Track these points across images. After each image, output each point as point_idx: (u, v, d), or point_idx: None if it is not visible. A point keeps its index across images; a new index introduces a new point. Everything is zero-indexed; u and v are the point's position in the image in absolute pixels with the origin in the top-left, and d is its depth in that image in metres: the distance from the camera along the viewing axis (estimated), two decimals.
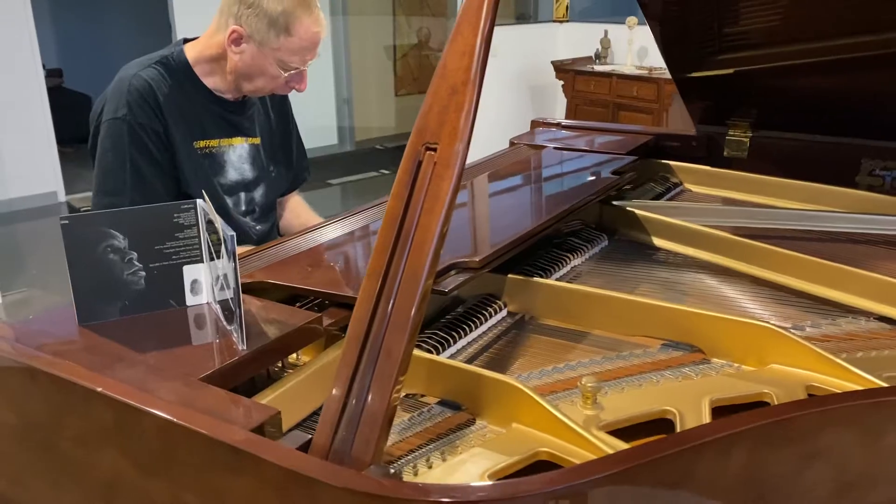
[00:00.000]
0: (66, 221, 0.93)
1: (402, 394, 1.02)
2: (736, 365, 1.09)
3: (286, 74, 1.56)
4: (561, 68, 5.52)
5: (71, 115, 6.56)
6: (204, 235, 0.99)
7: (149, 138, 1.52)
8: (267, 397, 0.89)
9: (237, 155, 1.65)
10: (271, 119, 1.76)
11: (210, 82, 1.61)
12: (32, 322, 0.99)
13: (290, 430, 0.91)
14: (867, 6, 1.67)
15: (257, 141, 1.71)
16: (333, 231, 1.37)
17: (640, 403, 1.00)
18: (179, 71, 1.58)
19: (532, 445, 0.90)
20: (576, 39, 5.77)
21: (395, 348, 0.70)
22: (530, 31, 5.91)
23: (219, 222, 0.90)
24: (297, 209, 1.91)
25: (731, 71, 1.91)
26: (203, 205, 0.97)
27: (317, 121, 6.71)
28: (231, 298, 0.90)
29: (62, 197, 5.57)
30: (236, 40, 1.54)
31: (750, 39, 1.86)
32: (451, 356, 1.13)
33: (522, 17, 6.16)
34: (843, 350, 1.14)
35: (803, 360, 1.05)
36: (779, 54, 1.85)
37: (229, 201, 1.63)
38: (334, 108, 6.77)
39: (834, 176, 1.79)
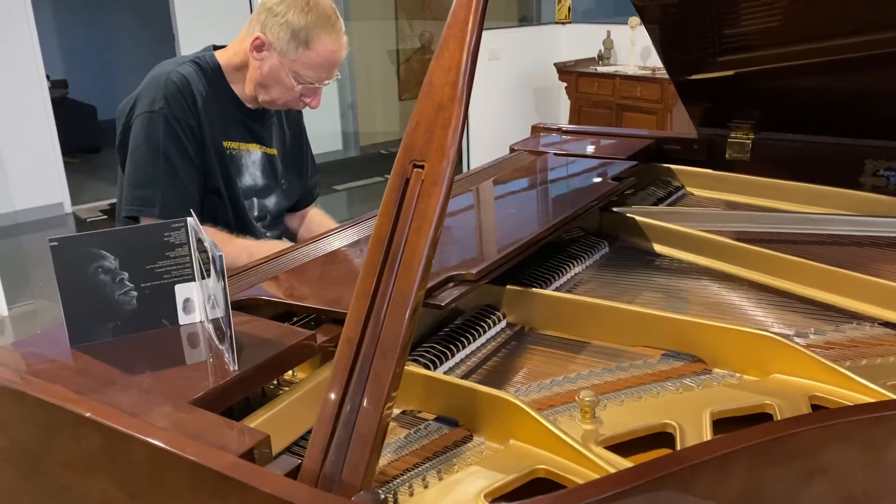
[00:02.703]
0: (56, 243, 0.93)
1: (393, 414, 1.01)
2: (738, 375, 1.08)
3: (299, 87, 1.58)
4: (564, 70, 5.50)
5: (76, 126, 6.59)
6: (195, 254, 0.98)
7: (183, 132, 1.54)
8: (259, 418, 0.88)
9: (252, 161, 1.69)
10: (286, 133, 1.80)
11: (236, 89, 1.65)
12: (24, 343, 0.98)
13: (284, 449, 0.90)
14: (869, 5, 1.65)
15: (272, 151, 1.74)
16: (334, 242, 1.36)
17: (640, 417, 0.98)
18: (211, 72, 1.62)
19: (529, 462, 0.88)
20: (578, 41, 5.75)
21: (384, 371, 0.69)
22: (532, 33, 5.89)
23: (207, 241, 0.89)
24: (317, 219, 1.92)
25: (731, 73, 1.90)
26: (193, 223, 0.96)
27: (322, 126, 6.71)
28: (221, 318, 0.89)
29: (68, 208, 5.59)
30: (259, 47, 1.57)
31: (751, 40, 1.85)
32: (449, 370, 1.12)
33: (525, 20, 6.15)
34: (847, 358, 1.12)
35: (806, 369, 1.03)
36: (780, 55, 1.83)
37: (246, 204, 1.65)
38: (338, 113, 6.77)
39: (838, 177, 1.77)
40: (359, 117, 6.90)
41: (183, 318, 1.01)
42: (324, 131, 6.73)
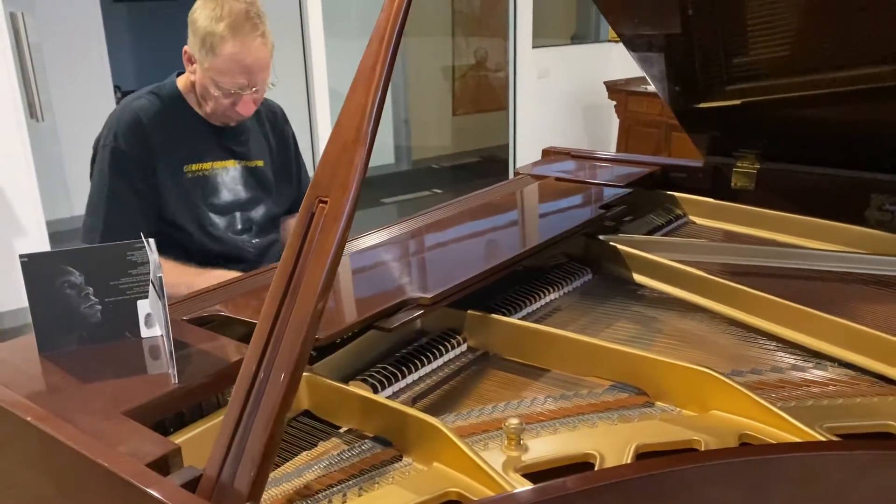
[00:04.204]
0: (26, 259, 1.01)
1: (341, 430, 1.06)
2: (678, 410, 1.09)
3: (219, 94, 1.63)
4: (613, 88, 5.48)
5: None
6: (154, 272, 1.05)
7: (130, 166, 1.63)
8: (195, 430, 0.95)
9: (230, 177, 1.75)
10: (271, 142, 1.86)
11: (201, 110, 1.72)
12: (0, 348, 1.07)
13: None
14: (877, 37, 1.63)
15: (257, 163, 1.81)
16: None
17: (568, 445, 1.01)
18: (170, 98, 1.70)
19: (445, 485, 0.92)
20: (630, 59, 5.71)
21: (274, 392, 0.74)
22: (583, 51, 5.89)
23: (153, 264, 0.96)
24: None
25: (738, 102, 1.89)
26: (152, 244, 1.03)
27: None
28: (161, 335, 0.96)
29: None
30: (188, 60, 1.66)
31: (759, 69, 1.84)
32: (401, 390, 1.17)
33: (577, 38, 6.15)
34: (797, 398, 1.12)
35: (742, 407, 1.03)
36: (788, 84, 1.82)
37: (221, 221, 1.73)
38: (392, 127, 6.89)
39: (843, 209, 1.75)
40: (412, 132, 7.00)
41: (145, 332, 1.08)
42: (377, 145, 6.84)
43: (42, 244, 3.87)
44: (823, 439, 0.95)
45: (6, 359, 1.01)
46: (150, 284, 0.99)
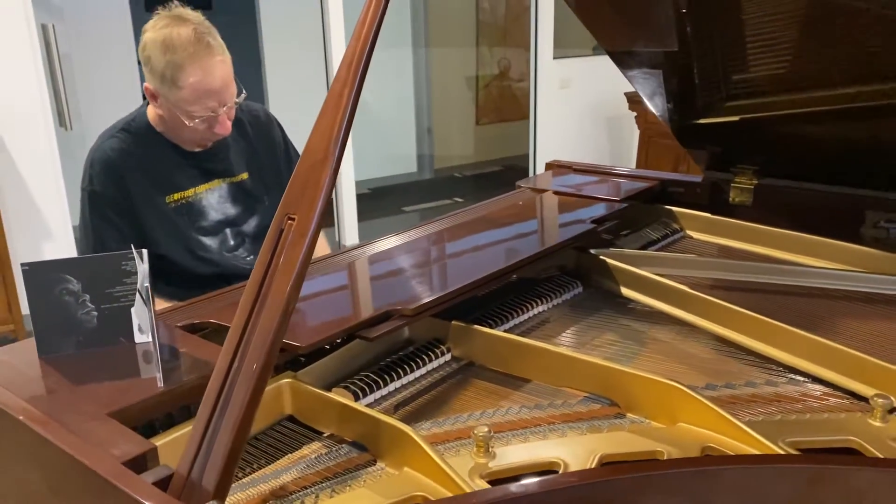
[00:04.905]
0: (27, 267, 1.08)
1: (324, 434, 1.11)
2: (647, 421, 1.12)
3: (196, 121, 1.61)
4: (634, 99, 5.48)
5: None
6: (140, 282, 1.11)
7: (108, 208, 1.66)
8: (181, 430, 1.00)
9: (216, 197, 1.77)
10: (258, 152, 1.85)
11: (172, 138, 1.72)
12: (1, 351, 1.14)
13: None
14: (877, 56, 1.64)
15: (241, 178, 1.82)
16: (320, 269, 1.47)
17: (535, 453, 1.04)
18: (141, 134, 1.70)
19: (412, 489, 0.96)
20: None
21: (239, 398, 0.79)
22: (604, 62, 5.86)
23: (141, 274, 1.02)
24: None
25: (737, 118, 1.91)
26: (144, 255, 1.09)
27: (397, 149, 6.93)
28: (149, 341, 1.01)
29: None
30: (152, 96, 1.64)
31: (758, 86, 1.86)
32: (383, 397, 1.21)
33: (599, 48, 6.16)
34: (766, 412, 1.14)
35: (708, 420, 1.06)
36: (786, 102, 1.83)
37: (213, 241, 1.77)
38: (415, 136, 6.96)
39: (839, 226, 1.76)
40: (435, 141, 7.07)
41: (138, 337, 1.14)
42: (399, 154, 6.94)
43: (69, 248, 3.99)
44: (782, 453, 0.98)
45: (7, 361, 1.08)
46: (137, 293, 1.05)
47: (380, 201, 6.13)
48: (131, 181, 1.68)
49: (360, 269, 1.47)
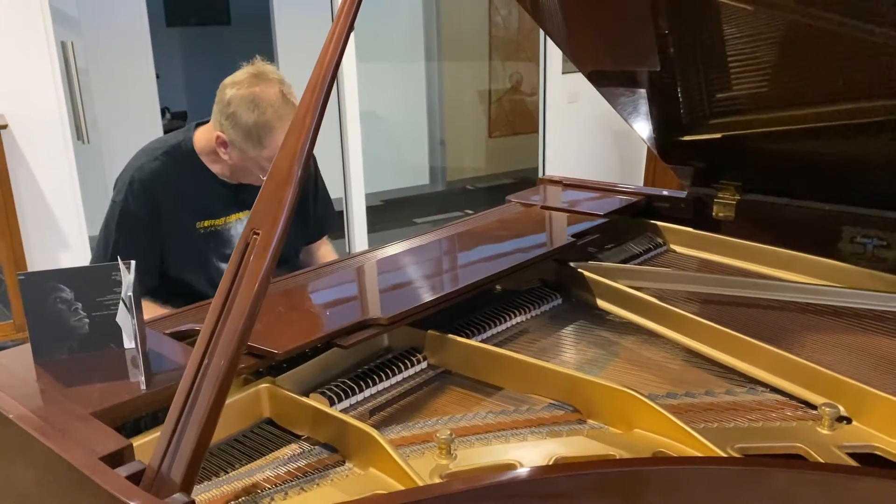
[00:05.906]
0: (23, 277, 1.15)
1: (303, 436, 1.17)
2: (606, 427, 1.17)
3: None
4: None
5: None
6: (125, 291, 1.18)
7: (137, 227, 1.71)
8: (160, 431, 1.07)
9: (244, 226, 1.84)
10: None
11: (216, 168, 1.79)
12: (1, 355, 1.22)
13: None
14: (852, 76, 1.69)
15: None
16: (307, 278, 1.54)
17: (495, 455, 1.10)
18: (185, 159, 1.76)
19: (374, 487, 1.03)
20: None
21: (206, 397, 0.85)
22: None
23: (125, 283, 1.09)
24: (326, 257, 2.10)
25: (719, 136, 1.96)
26: (132, 266, 1.17)
27: (410, 161, 7.01)
28: (135, 347, 1.09)
29: None
30: (222, 144, 1.70)
31: (740, 104, 1.91)
32: (359, 403, 1.28)
33: None
34: (721, 420, 1.19)
35: (661, 426, 1.12)
36: (768, 119, 1.88)
37: None
38: (427, 149, 7.04)
39: (818, 241, 1.81)
40: (448, 153, 7.15)
41: (128, 343, 1.22)
42: (412, 166, 7.03)
43: (85, 258, 4.10)
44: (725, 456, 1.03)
45: (5, 365, 1.16)
46: (122, 302, 1.12)
47: (393, 213, 6.21)
48: (165, 205, 1.73)
49: (343, 278, 1.54)
